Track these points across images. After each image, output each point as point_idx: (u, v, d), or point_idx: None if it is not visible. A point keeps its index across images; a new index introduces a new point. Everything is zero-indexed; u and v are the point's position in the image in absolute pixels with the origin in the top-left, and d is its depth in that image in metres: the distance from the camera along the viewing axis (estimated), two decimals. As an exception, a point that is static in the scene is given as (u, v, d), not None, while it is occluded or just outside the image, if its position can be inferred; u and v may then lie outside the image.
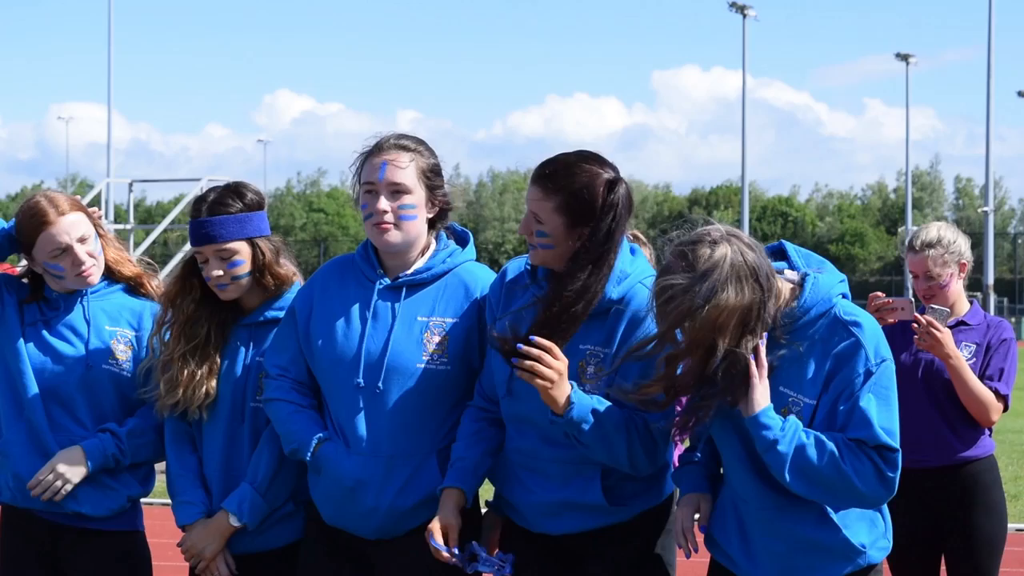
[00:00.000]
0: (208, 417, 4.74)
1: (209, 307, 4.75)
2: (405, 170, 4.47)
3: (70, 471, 4.74)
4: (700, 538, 4.21)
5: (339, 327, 4.51)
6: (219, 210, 4.66)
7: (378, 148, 4.51)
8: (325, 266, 4.70)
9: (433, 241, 4.59)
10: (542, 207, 4.28)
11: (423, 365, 4.45)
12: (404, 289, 4.52)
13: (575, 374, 4.27)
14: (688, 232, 3.99)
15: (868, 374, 3.96)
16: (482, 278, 4.58)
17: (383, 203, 4.45)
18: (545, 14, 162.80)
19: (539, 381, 4.13)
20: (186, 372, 4.69)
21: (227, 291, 4.70)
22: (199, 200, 4.70)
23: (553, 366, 4.14)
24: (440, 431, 4.48)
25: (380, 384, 4.44)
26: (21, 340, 4.82)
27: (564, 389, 4.17)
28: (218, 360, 4.74)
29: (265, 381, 4.63)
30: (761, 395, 3.93)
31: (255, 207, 4.71)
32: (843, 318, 4.01)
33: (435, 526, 4.34)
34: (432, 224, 4.58)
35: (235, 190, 4.72)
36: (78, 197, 4.89)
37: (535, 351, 4.13)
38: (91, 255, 4.80)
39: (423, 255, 4.57)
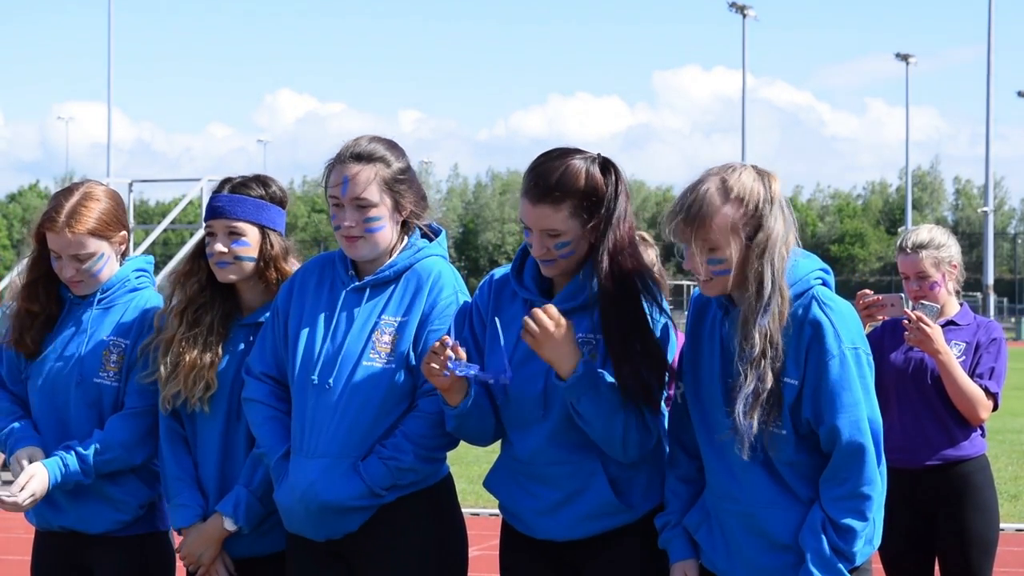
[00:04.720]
0: (205, 415, 4.68)
1: (215, 295, 4.71)
2: (367, 185, 4.42)
3: (37, 487, 4.62)
4: None
5: (305, 330, 4.49)
6: (240, 191, 4.69)
7: (340, 159, 4.47)
8: (308, 263, 4.66)
9: (405, 238, 4.54)
10: (556, 219, 4.23)
11: (368, 363, 4.41)
12: (368, 290, 4.50)
13: None
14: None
15: (841, 357, 3.97)
16: (437, 272, 4.50)
17: (348, 218, 4.43)
18: (547, 14, 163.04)
19: (539, 338, 4.10)
20: (188, 358, 4.63)
21: (227, 270, 4.66)
22: (225, 181, 4.70)
23: (551, 318, 4.11)
24: (378, 430, 4.42)
25: (331, 383, 4.41)
26: (34, 366, 4.82)
27: (570, 352, 4.14)
28: (220, 352, 4.69)
29: (246, 378, 4.59)
30: None
31: (276, 201, 4.72)
32: (818, 299, 4.04)
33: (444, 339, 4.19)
34: (406, 223, 4.53)
35: (262, 179, 4.74)
36: (107, 211, 4.77)
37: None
38: (81, 272, 4.73)
39: (391, 254, 4.52)
